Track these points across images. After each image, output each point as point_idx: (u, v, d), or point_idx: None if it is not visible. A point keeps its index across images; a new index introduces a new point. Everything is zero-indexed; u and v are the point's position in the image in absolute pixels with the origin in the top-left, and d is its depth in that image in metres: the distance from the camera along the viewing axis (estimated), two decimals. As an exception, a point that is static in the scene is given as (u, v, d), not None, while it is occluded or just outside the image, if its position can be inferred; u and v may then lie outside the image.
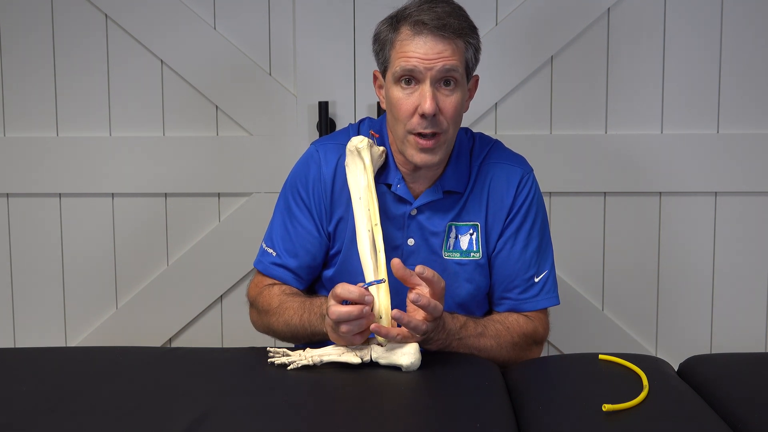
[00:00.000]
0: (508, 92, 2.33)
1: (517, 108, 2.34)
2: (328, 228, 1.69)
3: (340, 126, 2.32)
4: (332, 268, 1.70)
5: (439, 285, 1.49)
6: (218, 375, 1.45)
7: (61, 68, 2.38)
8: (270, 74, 2.36)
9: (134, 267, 2.43)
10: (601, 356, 1.49)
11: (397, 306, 1.50)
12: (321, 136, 2.30)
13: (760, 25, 2.30)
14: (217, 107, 2.37)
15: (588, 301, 2.39)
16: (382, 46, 1.61)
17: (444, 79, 1.56)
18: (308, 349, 1.47)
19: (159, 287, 2.43)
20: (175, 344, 2.45)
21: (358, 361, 1.43)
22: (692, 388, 1.42)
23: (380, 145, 1.66)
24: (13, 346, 2.42)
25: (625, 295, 2.40)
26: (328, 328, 1.48)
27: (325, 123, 2.32)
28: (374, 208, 1.54)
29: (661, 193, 2.36)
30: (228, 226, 2.40)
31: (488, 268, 1.69)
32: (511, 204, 1.67)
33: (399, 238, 1.66)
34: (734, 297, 2.39)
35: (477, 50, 1.61)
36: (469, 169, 1.67)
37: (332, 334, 1.48)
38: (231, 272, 2.40)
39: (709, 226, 2.37)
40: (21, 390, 1.37)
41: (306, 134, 2.35)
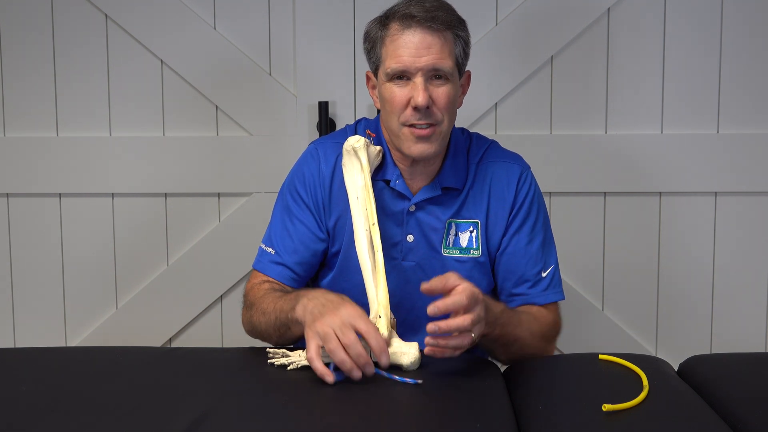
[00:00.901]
0: (508, 92, 2.33)
1: (517, 108, 2.34)
2: (328, 225, 1.69)
3: (340, 126, 2.32)
4: (332, 272, 1.70)
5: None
6: (218, 375, 1.44)
7: (61, 68, 2.38)
8: (270, 74, 2.36)
9: (134, 267, 2.43)
10: (601, 356, 1.49)
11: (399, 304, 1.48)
12: (321, 136, 2.30)
13: (760, 25, 2.30)
14: (217, 107, 2.37)
15: (588, 301, 2.39)
16: (373, 44, 1.63)
17: (435, 74, 1.57)
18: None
19: (159, 287, 2.43)
20: (175, 344, 2.45)
21: (358, 361, 1.43)
22: (692, 388, 1.42)
23: (377, 144, 1.66)
24: (13, 346, 2.42)
25: (625, 295, 2.40)
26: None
27: (325, 123, 2.32)
28: (371, 207, 1.54)
29: (661, 193, 2.36)
30: (228, 226, 2.40)
31: (488, 266, 1.69)
32: (512, 201, 1.67)
33: (398, 234, 1.66)
34: (734, 297, 2.39)
35: (466, 44, 1.62)
36: (466, 167, 1.68)
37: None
38: (231, 272, 2.40)
39: (709, 226, 2.37)
40: (21, 390, 1.37)
41: (306, 134, 2.35)
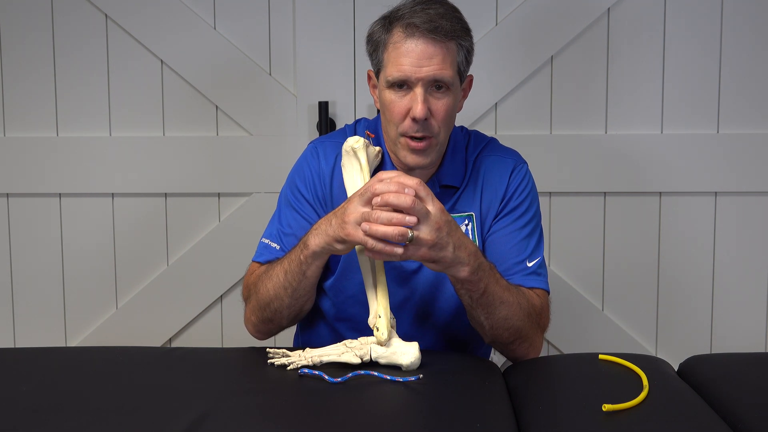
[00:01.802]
0: (508, 92, 2.33)
1: (517, 108, 2.34)
2: None
3: (340, 126, 2.32)
4: (333, 274, 1.68)
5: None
6: (218, 375, 1.45)
7: (61, 68, 2.37)
8: (270, 74, 2.36)
9: (134, 267, 2.43)
10: (601, 356, 1.49)
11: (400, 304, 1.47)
12: (320, 135, 2.29)
13: (760, 25, 2.30)
14: (217, 107, 2.37)
15: (588, 301, 2.39)
16: (375, 47, 1.62)
17: (435, 84, 1.56)
18: (308, 349, 1.47)
19: (159, 287, 2.43)
20: (175, 344, 2.45)
21: (358, 361, 1.43)
22: (692, 388, 1.42)
23: (376, 145, 1.66)
24: (13, 346, 2.42)
25: (625, 295, 2.40)
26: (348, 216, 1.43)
27: (325, 123, 2.32)
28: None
29: (661, 193, 2.36)
30: (228, 226, 2.40)
31: None
32: (504, 190, 1.67)
33: None
34: (734, 297, 2.39)
35: (469, 52, 1.61)
36: (465, 164, 1.68)
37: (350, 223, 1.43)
38: (231, 272, 2.40)
39: (709, 226, 2.37)
40: (21, 390, 1.37)
41: (306, 134, 2.35)
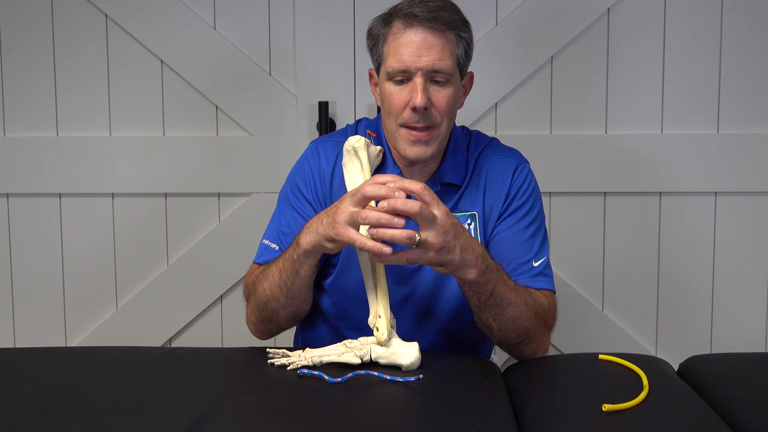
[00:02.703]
0: (508, 92, 2.33)
1: (517, 108, 2.34)
2: None
3: (340, 126, 2.32)
4: (334, 271, 1.69)
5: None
6: (218, 375, 1.44)
7: (61, 68, 2.38)
8: (270, 74, 2.36)
9: (134, 267, 2.43)
10: (601, 356, 1.49)
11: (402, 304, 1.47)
12: (321, 135, 2.29)
13: (760, 25, 2.30)
14: (217, 107, 2.37)
15: (588, 301, 2.39)
16: (375, 42, 1.62)
17: (435, 77, 1.56)
18: (308, 349, 1.46)
19: (159, 287, 2.43)
20: (175, 344, 2.45)
21: (358, 361, 1.43)
22: (692, 388, 1.42)
23: (377, 144, 1.66)
24: (13, 346, 2.42)
25: (625, 295, 2.40)
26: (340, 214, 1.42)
27: (325, 123, 2.32)
28: (372, 206, 1.54)
29: (661, 193, 2.36)
30: (228, 226, 2.40)
31: None
32: (507, 190, 1.67)
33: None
34: (734, 297, 2.39)
35: (469, 45, 1.61)
36: (466, 163, 1.68)
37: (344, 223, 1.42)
38: (231, 272, 2.40)
39: (709, 226, 2.37)
40: (21, 390, 1.37)
41: (306, 134, 2.35)
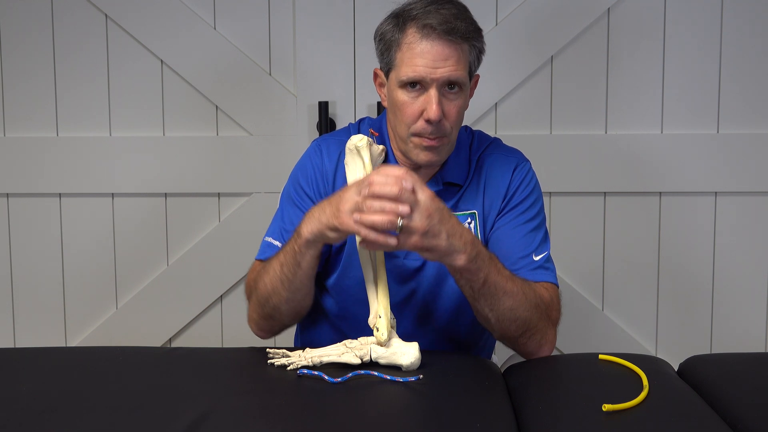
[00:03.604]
0: (509, 92, 2.33)
1: (517, 108, 2.34)
2: None
3: (340, 126, 2.32)
4: (336, 270, 1.68)
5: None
6: (218, 375, 1.44)
7: (61, 68, 2.38)
8: (270, 74, 2.36)
9: (134, 267, 2.43)
10: (601, 356, 1.49)
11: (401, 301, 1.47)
12: (323, 134, 2.30)
13: (760, 25, 2.31)
14: (217, 107, 2.37)
15: (588, 301, 2.39)
16: (388, 47, 1.59)
17: (449, 85, 1.55)
18: (308, 349, 1.46)
19: (159, 287, 2.43)
20: (175, 344, 2.45)
21: (358, 361, 1.43)
22: (692, 388, 1.42)
23: (380, 143, 1.66)
24: (13, 346, 2.42)
25: (625, 295, 2.40)
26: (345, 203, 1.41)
27: (325, 123, 2.32)
28: None
29: (661, 193, 2.36)
30: (228, 226, 2.40)
31: None
32: (506, 188, 1.66)
33: None
34: (734, 297, 2.39)
35: (480, 52, 1.61)
36: (468, 163, 1.68)
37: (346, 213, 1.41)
38: (231, 272, 2.40)
39: (709, 226, 2.37)
40: (21, 390, 1.37)
41: (306, 134, 2.35)
